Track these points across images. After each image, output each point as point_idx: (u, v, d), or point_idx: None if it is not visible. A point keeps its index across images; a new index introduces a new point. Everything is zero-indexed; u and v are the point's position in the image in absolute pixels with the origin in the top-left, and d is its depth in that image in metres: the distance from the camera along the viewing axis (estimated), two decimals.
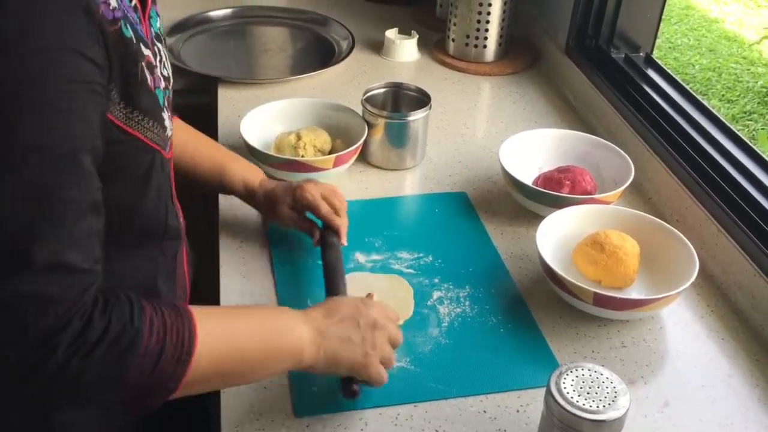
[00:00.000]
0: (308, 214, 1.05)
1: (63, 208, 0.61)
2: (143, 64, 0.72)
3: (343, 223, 1.03)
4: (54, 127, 0.60)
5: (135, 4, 0.74)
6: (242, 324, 0.75)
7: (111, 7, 0.66)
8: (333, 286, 0.93)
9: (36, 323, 0.60)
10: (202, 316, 0.70)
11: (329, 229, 1.03)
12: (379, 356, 0.80)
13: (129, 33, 0.70)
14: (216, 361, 0.70)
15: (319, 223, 1.05)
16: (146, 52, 0.74)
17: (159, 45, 0.81)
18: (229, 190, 1.08)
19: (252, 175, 1.08)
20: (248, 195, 1.07)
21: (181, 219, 0.93)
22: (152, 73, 0.75)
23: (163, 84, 0.79)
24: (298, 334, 0.76)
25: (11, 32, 0.58)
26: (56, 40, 0.60)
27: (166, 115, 0.78)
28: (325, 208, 1.03)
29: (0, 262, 0.59)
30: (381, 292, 0.99)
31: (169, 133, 0.80)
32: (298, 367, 0.77)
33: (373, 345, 0.79)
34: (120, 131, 0.70)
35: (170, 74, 0.85)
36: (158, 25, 0.84)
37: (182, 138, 1.04)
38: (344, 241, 1.02)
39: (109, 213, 0.68)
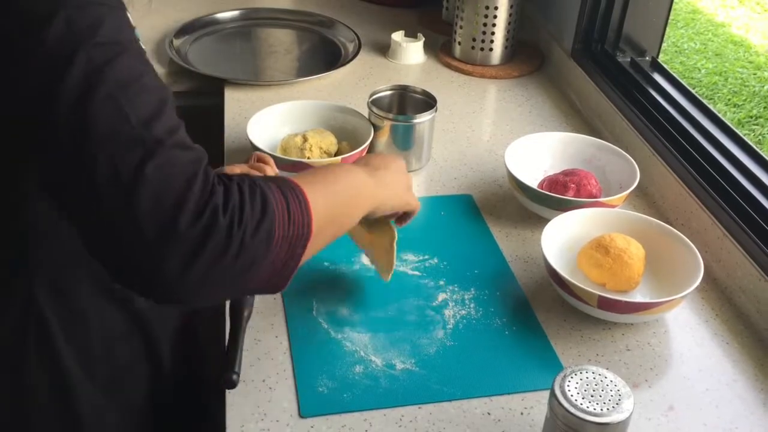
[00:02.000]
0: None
1: (164, 99, 0.64)
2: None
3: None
4: (128, 29, 0.65)
5: None
6: (326, 177, 0.79)
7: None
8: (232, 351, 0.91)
9: (189, 191, 0.61)
10: (295, 177, 0.74)
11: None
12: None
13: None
14: (324, 207, 0.73)
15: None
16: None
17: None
18: None
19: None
20: None
21: None
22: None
23: None
24: (363, 179, 0.84)
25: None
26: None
27: None
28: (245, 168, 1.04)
29: (136, 151, 0.60)
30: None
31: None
32: (374, 203, 0.85)
33: (407, 185, 0.92)
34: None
35: None
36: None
37: None
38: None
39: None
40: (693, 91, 1.32)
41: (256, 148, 1.19)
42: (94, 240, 0.64)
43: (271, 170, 1.07)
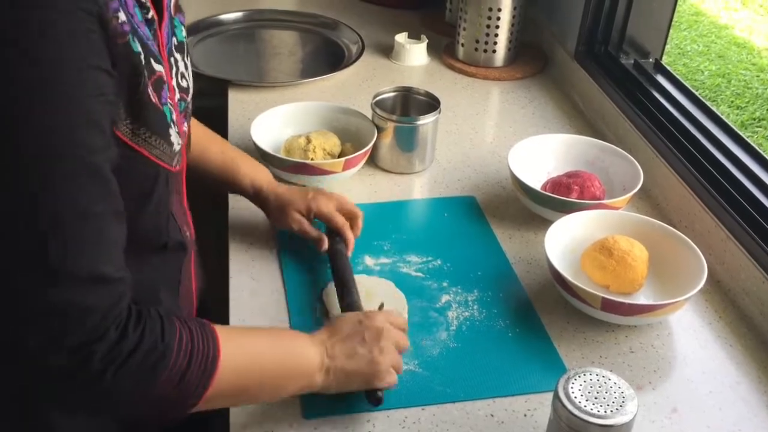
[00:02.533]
0: (317, 223, 1.06)
1: (95, 222, 0.64)
2: (151, 80, 0.72)
3: (354, 235, 1.06)
4: (78, 143, 0.62)
5: (151, 17, 0.73)
6: (260, 344, 0.78)
7: (120, 21, 0.66)
8: (347, 296, 0.94)
9: (75, 331, 0.62)
10: (224, 334, 0.73)
11: (337, 236, 1.04)
12: (389, 363, 0.82)
13: (137, 48, 0.69)
14: (237, 378, 0.73)
15: (322, 227, 1.06)
16: (157, 67, 0.73)
17: (178, 56, 0.81)
18: (237, 190, 1.09)
19: (260, 175, 1.09)
20: (255, 195, 1.08)
21: (190, 231, 0.92)
22: (160, 89, 0.74)
23: (177, 96, 0.79)
24: (309, 356, 0.79)
25: (29, 49, 0.59)
26: (74, 57, 0.61)
27: (173, 131, 0.78)
28: (341, 220, 1.05)
29: (41, 275, 0.61)
30: (374, 294, 0.99)
31: (176, 148, 0.80)
32: (311, 389, 0.80)
33: (379, 354, 0.81)
34: (126, 147, 0.70)
35: (190, 84, 0.85)
36: (183, 34, 0.84)
37: (193, 135, 1.04)
38: (350, 253, 1.05)
39: None
40: (696, 93, 1.32)
41: (260, 150, 1.19)
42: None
43: (356, 211, 1.08)
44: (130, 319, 0.66)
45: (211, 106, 1.49)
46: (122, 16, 0.67)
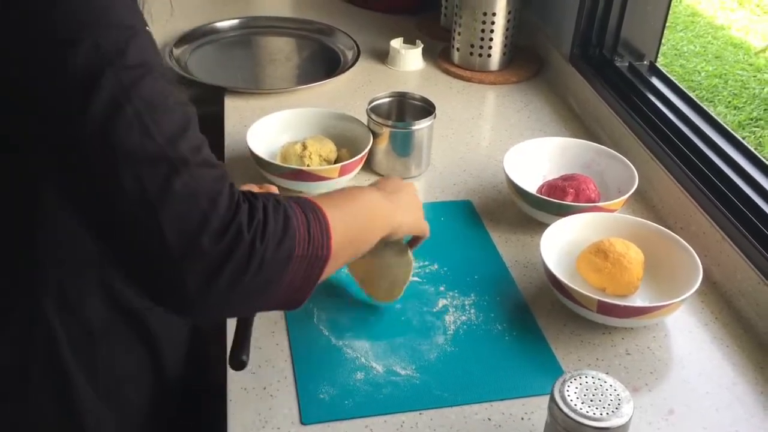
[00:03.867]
0: None
1: (182, 112, 0.65)
2: None
3: None
4: (152, 51, 0.64)
5: None
6: (345, 199, 0.81)
7: None
8: None
9: (215, 211, 0.63)
10: (316, 198, 0.76)
11: None
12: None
13: None
14: (344, 229, 0.75)
15: None
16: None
17: None
18: None
19: None
20: None
21: None
22: None
23: None
24: (381, 203, 0.87)
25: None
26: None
27: None
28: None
29: (162, 168, 0.61)
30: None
31: None
32: (392, 225, 0.87)
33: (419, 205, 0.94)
34: None
35: None
36: None
37: None
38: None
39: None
40: (691, 95, 1.33)
41: (256, 157, 1.19)
42: (119, 253, 0.66)
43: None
44: (243, 194, 0.67)
45: (207, 113, 1.49)
46: None
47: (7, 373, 0.76)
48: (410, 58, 1.64)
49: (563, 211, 1.09)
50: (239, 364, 0.84)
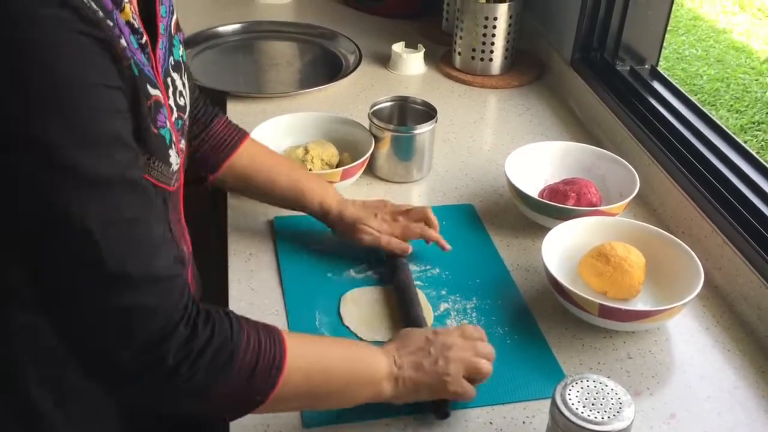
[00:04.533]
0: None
1: (141, 227, 0.66)
2: (149, 104, 0.73)
3: (432, 234, 1.08)
4: (114, 159, 0.64)
5: (144, 41, 0.74)
6: (328, 349, 0.80)
7: (121, 47, 0.67)
8: (412, 312, 0.96)
9: (145, 329, 0.65)
10: (291, 337, 0.75)
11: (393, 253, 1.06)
12: (457, 376, 0.82)
13: (137, 72, 0.70)
14: (304, 380, 0.74)
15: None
16: (153, 91, 0.74)
17: (175, 75, 0.81)
18: (307, 211, 1.09)
19: (329, 197, 1.09)
20: (324, 216, 1.09)
21: (188, 246, 0.93)
22: (157, 112, 0.75)
23: (174, 116, 0.80)
24: (378, 364, 0.80)
25: (41, 79, 0.60)
26: (97, 79, 0.63)
27: (173, 151, 0.79)
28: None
29: (99, 282, 0.63)
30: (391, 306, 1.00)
31: (175, 168, 0.81)
32: (379, 398, 0.80)
33: (446, 366, 0.81)
34: None
35: (187, 102, 0.86)
36: (180, 53, 0.85)
37: (260, 158, 1.09)
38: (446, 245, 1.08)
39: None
40: (692, 99, 1.33)
41: None
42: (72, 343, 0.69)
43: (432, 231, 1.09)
44: (199, 316, 0.68)
45: None
46: (123, 42, 0.68)
47: None
48: (412, 63, 1.65)
49: (565, 215, 1.09)
50: (443, 415, 0.84)
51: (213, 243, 1.17)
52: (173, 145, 0.79)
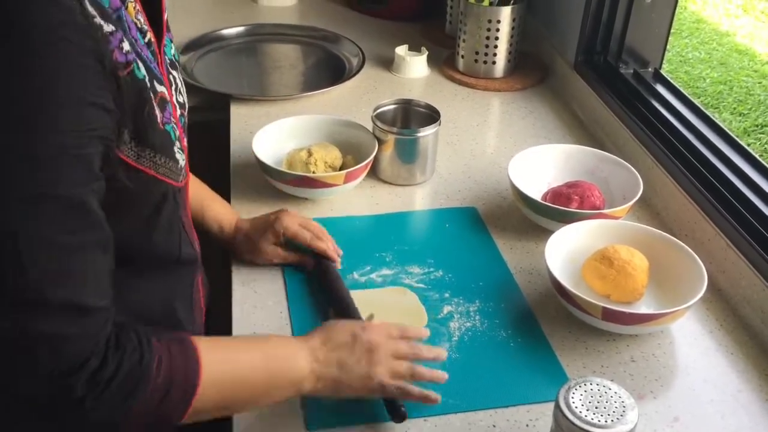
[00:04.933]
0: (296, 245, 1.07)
1: (75, 253, 0.64)
2: (155, 102, 0.73)
3: (329, 245, 1.06)
4: (63, 178, 0.62)
5: (150, 39, 0.74)
6: (245, 356, 0.77)
7: (124, 51, 0.67)
8: (344, 312, 0.96)
9: (53, 361, 0.62)
10: (206, 349, 0.73)
11: (319, 255, 1.06)
12: (385, 375, 0.81)
13: (142, 73, 0.70)
14: (219, 392, 0.73)
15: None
16: (160, 88, 0.74)
17: (174, 72, 0.82)
18: (207, 231, 1.07)
19: (226, 218, 1.08)
20: (223, 238, 1.07)
21: (197, 246, 0.93)
22: (164, 109, 0.75)
23: (178, 112, 0.80)
24: (298, 363, 0.79)
25: (24, 87, 0.59)
26: (67, 94, 0.61)
27: (177, 147, 0.79)
28: (308, 234, 1.06)
29: (16, 304, 0.61)
30: (388, 307, 1.00)
31: (181, 163, 0.81)
32: (298, 395, 0.80)
33: (370, 367, 0.80)
34: (132, 169, 0.72)
35: (185, 99, 0.86)
36: (172, 52, 0.85)
37: None
38: (338, 263, 1.06)
39: (121, 244, 0.70)
40: (696, 102, 1.33)
41: (262, 163, 1.20)
42: None
43: (318, 228, 1.08)
44: (109, 345, 0.66)
45: (213, 120, 1.50)
46: (126, 46, 0.67)
47: None
48: (415, 65, 1.65)
49: (568, 218, 1.09)
50: (401, 416, 0.83)
51: (216, 245, 1.17)
52: (178, 141, 0.80)
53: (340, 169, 1.24)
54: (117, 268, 0.70)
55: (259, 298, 1.02)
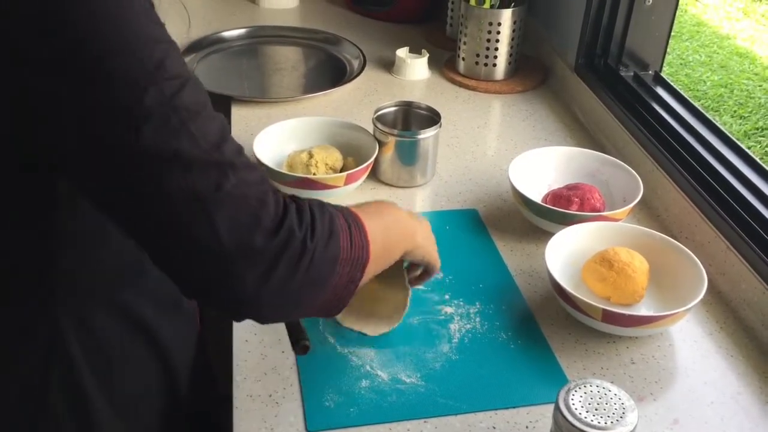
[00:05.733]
0: None
1: (225, 124, 0.66)
2: None
3: None
4: (181, 61, 0.64)
5: None
6: (379, 209, 0.83)
7: None
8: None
9: (264, 208, 0.64)
10: (365, 216, 0.77)
11: None
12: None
13: None
14: (379, 236, 0.77)
15: None
16: None
17: None
18: None
19: None
20: None
21: None
22: None
23: None
24: (408, 220, 0.87)
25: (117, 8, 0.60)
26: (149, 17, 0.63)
27: None
28: None
29: (213, 171, 0.62)
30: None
31: None
32: (413, 244, 0.86)
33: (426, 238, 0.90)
34: None
35: None
36: None
37: None
38: None
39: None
40: (696, 105, 1.33)
41: (262, 165, 1.20)
42: (168, 258, 0.66)
43: None
44: (289, 195, 0.69)
45: None
46: None
47: (27, 392, 0.77)
48: (416, 68, 1.65)
49: (568, 220, 1.09)
50: (303, 349, 0.85)
51: None
52: None
53: (341, 170, 1.25)
54: (112, 276, 0.71)
55: None
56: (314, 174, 1.21)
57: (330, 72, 1.70)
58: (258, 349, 0.94)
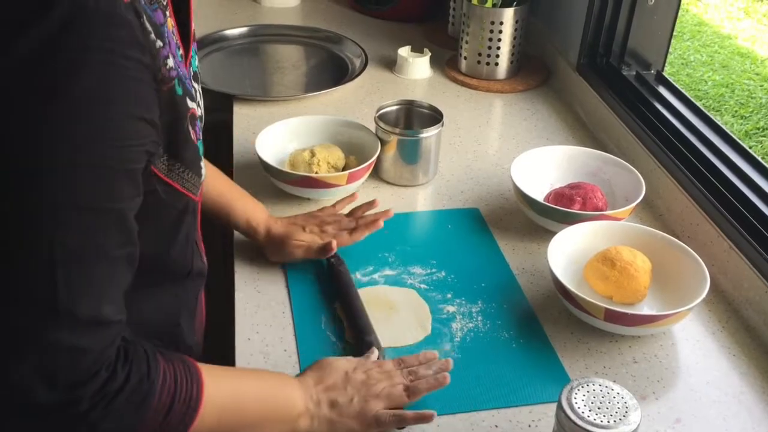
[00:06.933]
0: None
1: (108, 266, 0.63)
2: (188, 117, 0.73)
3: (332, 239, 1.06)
4: (106, 189, 0.62)
5: (181, 54, 0.74)
6: (244, 386, 0.78)
7: (168, 67, 0.67)
8: (366, 335, 0.94)
9: (69, 372, 0.62)
10: (208, 374, 0.73)
11: (336, 258, 1.07)
12: (383, 405, 0.82)
13: (180, 90, 0.70)
14: (218, 418, 0.73)
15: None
16: (191, 104, 0.74)
17: (196, 85, 0.82)
18: (234, 227, 1.09)
19: (256, 214, 1.08)
20: (251, 233, 1.08)
21: (205, 259, 0.93)
22: (194, 125, 0.75)
23: (200, 125, 0.80)
24: (294, 401, 0.80)
25: (86, 104, 0.59)
26: (123, 108, 0.61)
27: (202, 162, 0.80)
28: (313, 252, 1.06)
29: (44, 313, 0.61)
30: (397, 307, 1.00)
31: (203, 177, 0.81)
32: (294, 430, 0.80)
33: (365, 402, 0.82)
34: (161, 182, 0.72)
35: (203, 112, 0.87)
36: (197, 63, 0.86)
37: None
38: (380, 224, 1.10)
39: (140, 256, 0.69)
40: (698, 104, 1.33)
41: (264, 164, 1.20)
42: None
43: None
44: (119, 358, 0.65)
45: (216, 120, 1.50)
46: (170, 62, 0.67)
47: None
48: (418, 67, 1.65)
49: (570, 220, 1.09)
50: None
51: (218, 244, 1.17)
52: (202, 157, 0.80)
53: (343, 169, 1.24)
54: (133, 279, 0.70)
55: (262, 299, 1.03)
56: (316, 173, 1.21)
57: (332, 71, 1.70)
58: (260, 348, 0.94)
